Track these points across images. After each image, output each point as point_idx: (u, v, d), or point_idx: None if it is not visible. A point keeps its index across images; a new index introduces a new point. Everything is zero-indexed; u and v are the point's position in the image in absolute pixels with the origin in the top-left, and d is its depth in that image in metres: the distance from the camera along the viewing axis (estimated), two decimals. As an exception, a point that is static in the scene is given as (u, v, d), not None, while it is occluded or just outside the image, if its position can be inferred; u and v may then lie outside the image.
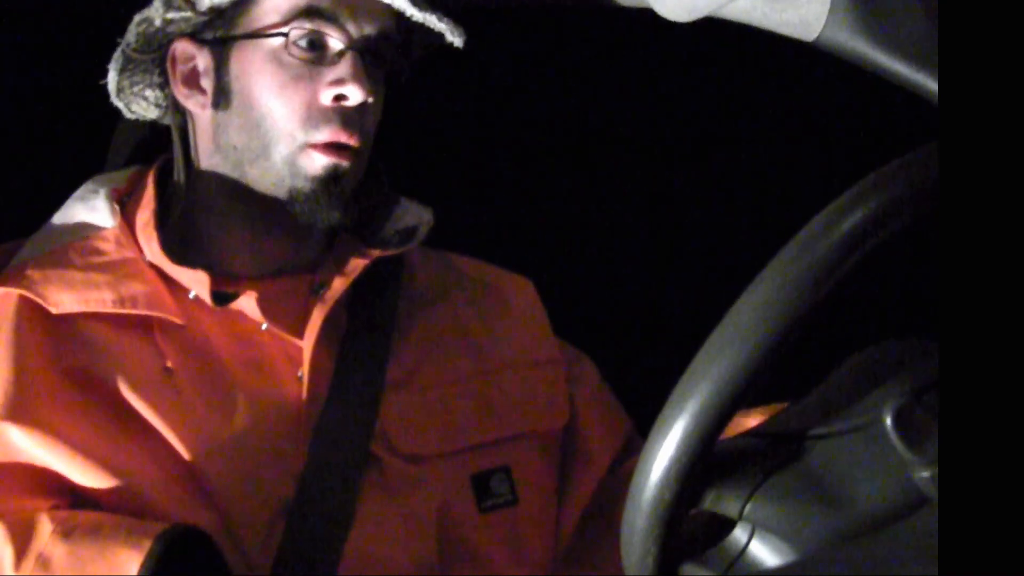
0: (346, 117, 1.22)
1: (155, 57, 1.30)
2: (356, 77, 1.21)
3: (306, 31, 1.22)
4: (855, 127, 1.69)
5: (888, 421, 0.81)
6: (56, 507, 1.14)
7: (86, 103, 1.34)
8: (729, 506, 0.84)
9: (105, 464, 1.15)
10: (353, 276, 1.27)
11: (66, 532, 1.09)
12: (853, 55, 0.90)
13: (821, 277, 0.76)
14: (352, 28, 1.23)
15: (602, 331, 1.57)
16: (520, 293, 1.43)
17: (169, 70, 1.29)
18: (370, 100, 1.23)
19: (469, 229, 1.51)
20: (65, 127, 1.61)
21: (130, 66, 1.30)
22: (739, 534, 0.85)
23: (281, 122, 1.22)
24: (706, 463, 0.80)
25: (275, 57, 1.23)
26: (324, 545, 1.16)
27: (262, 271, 1.29)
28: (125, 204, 1.31)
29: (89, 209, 1.29)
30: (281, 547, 1.16)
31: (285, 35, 1.22)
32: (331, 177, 1.23)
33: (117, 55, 1.29)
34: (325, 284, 1.27)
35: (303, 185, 1.23)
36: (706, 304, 0.90)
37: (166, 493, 1.16)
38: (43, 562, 1.09)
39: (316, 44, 1.23)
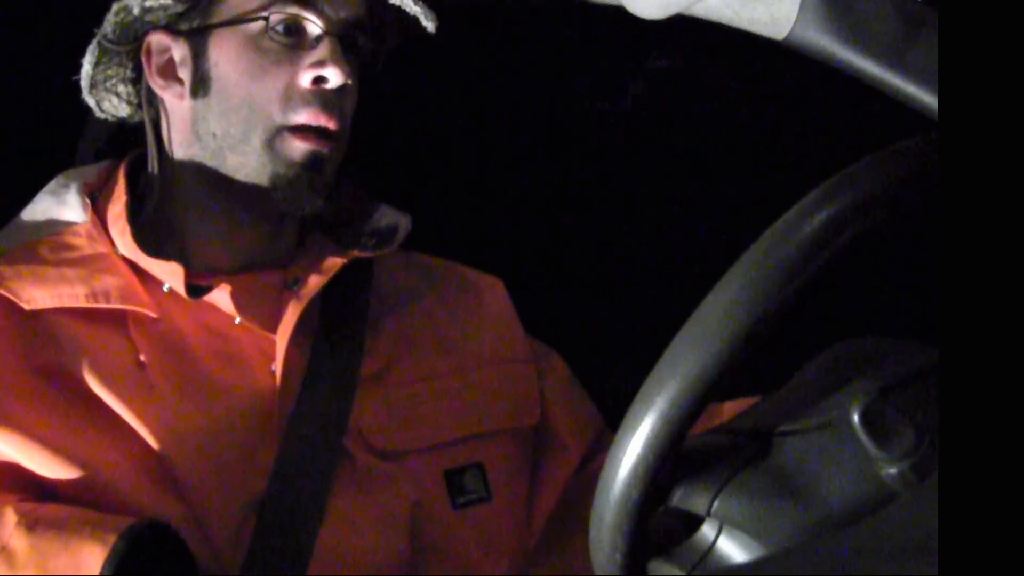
0: (325, 100, 1.24)
1: (129, 50, 1.30)
2: (335, 60, 1.23)
3: (285, 16, 1.24)
4: (820, 130, 1.70)
5: (855, 419, 0.82)
6: (23, 501, 1.13)
7: (56, 98, 1.34)
8: (697, 502, 0.84)
9: (76, 459, 1.15)
10: (331, 274, 1.28)
11: (30, 524, 1.09)
12: (823, 54, 0.91)
13: (787, 276, 0.76)
14: (330, 12, 1.25)
15: (571, 329, 1.58)
16: (490, 292, 1.44)
17: (144, 62, 1.29)
18: (349, 83, 1.24)
19: (439, 229, 1.51)
20: (34, 122, 1.60)
21: (105, 58, 1.30)
22: (707, 531, 0.85)
23: (260, 106, 1.23)
24: (675, 459, 0.80)
25: (254, 43, 1.24)
26: (295, 541, 1.16)
27: (235, 264, 1.29)
28: (96, 199, 1.31)
29: (60, 204, 1.30)
30: (252, 542, 1.15)
31: (265, 19, 1.23)
32: (312, 162, 1.24)
33: (92, 47, 1.29)
34: (300, 280, 1.27)
35: (285, 171, 1.24)
36: (675, 303, 0.90)
37: (137, 487, 1.15)
38: (7, 555, 1.08)
39: (294, 29, 1.24)
